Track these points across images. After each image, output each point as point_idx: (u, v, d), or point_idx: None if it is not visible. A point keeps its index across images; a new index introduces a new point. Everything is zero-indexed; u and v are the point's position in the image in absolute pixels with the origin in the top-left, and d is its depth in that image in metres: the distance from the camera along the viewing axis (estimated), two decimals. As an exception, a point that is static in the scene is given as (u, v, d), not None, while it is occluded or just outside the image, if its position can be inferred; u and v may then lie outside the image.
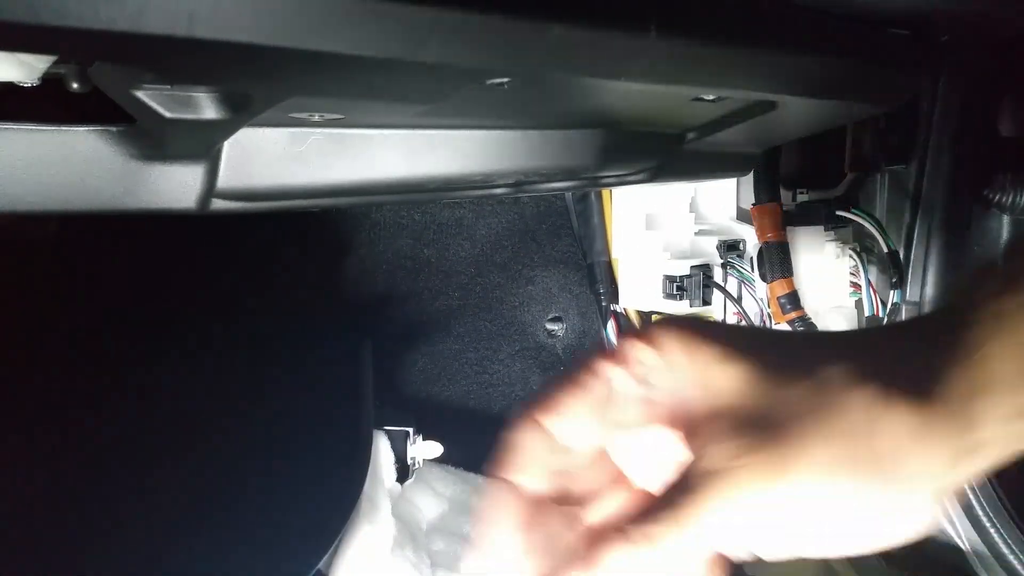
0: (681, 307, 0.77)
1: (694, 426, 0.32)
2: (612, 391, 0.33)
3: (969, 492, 0.66)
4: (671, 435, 0.34)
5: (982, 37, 0.59)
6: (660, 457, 0.35)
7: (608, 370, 0.33)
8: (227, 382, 0.75)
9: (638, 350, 0.32)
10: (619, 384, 0.33)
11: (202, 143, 0.40)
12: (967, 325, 0.30)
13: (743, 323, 0.78)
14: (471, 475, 0.88)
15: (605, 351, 0.33)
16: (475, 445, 0.60)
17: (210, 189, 0.41)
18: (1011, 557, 0.65)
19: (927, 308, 0.69)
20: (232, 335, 0.76)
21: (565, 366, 0.93)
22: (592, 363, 0.33)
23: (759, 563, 0.31)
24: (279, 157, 0.42)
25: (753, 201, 0.73)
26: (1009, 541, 0.65)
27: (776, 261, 0.71)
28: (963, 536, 0.67)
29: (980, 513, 0.66)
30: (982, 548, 0.66)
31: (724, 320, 0.81)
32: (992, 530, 0.65)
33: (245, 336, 0.77)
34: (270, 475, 0.71)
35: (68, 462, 0.67)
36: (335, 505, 0.69)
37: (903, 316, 0.70)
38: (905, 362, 0.30)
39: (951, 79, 0.65)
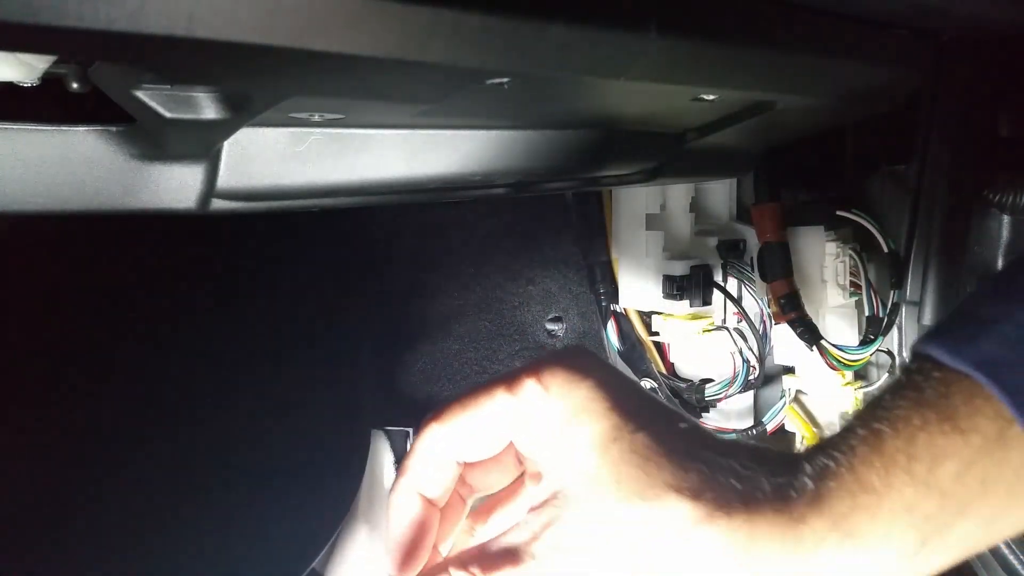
0: (681, 307, 0.77)
1: (539, 474, 0.34)
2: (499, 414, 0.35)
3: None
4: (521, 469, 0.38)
5: (982, 37, 0.59)
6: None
7: (498, 394, 0.34)
8: (224, 381, 0.75)
9: (525, 379, 0.34)
10: (502, 410, 0.35)
11: (202, 143, 0.40)
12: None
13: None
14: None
15: (502, 376, 0.35)
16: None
17: (210, 189, 0.41)
18: (1012, 558, 0.64)
19: (927, 308, 0.69)
20: (230, 335, 0.76)
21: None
22: (488, 385, 0.35)
23: None
24: (279, 157, 0.42)
25: (753, 201, 0.73)
26: (1010, 542, 0.65)
27: (776, 261, 0.71)
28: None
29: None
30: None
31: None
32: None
33: (243, 336, 0.77)
34: (266, 473, 0.71)
35: (65, 461, 0.67)
36: (330, 504, 0.69)
37: (903, 316, 0.70)
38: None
39: (951, 79, 0.65)
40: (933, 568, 0.29)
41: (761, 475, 0.30)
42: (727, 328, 0.78)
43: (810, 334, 0.69)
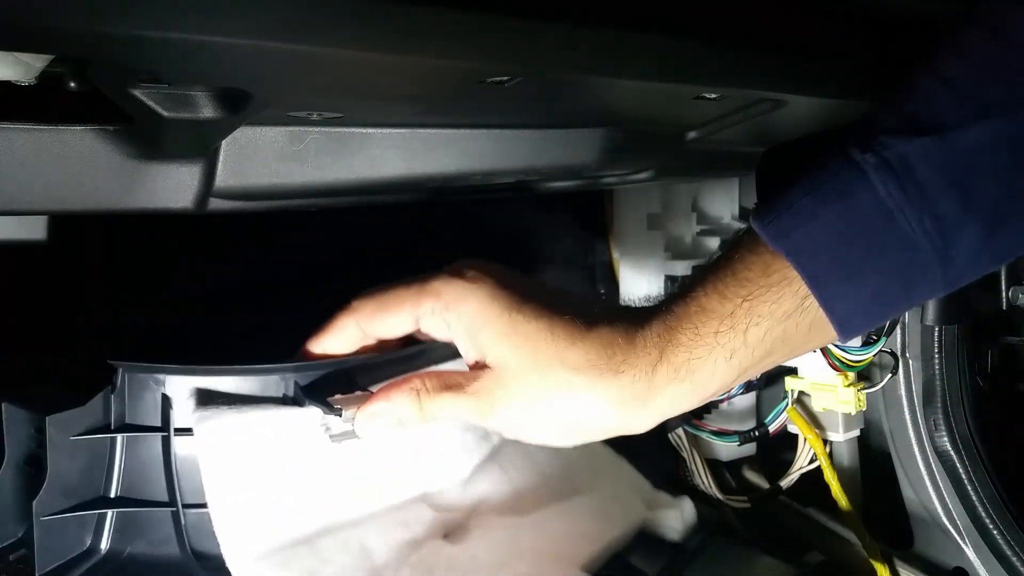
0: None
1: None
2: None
3: (972, 492, 0.66)
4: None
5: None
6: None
7: (406, 309, 0.46)
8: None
9: (426, 302, 0.45)
10: (409, 318, 0.46)
11: (200, 142, 0.40)
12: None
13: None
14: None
15: (410, 292, 0.46)
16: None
17: (208, 188, 0.41)
18: (1014, 559, 0.64)
19: (930, 307, 0.69)
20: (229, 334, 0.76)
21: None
22: (398, 296, 0.46)
23: None
24: (278, 156, 0.42)
25: (756, 200, 0.73)
26: (1011, 541, 0.65)
27: (778, 261, 0.70)
28: (966, 536, 0.67)
29: (982, 513, 0.66)
30: (985, 548, 0.66)
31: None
32: (995, 531, 0.65)
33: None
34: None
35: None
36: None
37: (906, 316, 0.70)
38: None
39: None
40: (737, 383, 0.43)
41: (620, 344, 0.41)
42: (729, 328, 0.78)
43: (812, 334, 0.69)
